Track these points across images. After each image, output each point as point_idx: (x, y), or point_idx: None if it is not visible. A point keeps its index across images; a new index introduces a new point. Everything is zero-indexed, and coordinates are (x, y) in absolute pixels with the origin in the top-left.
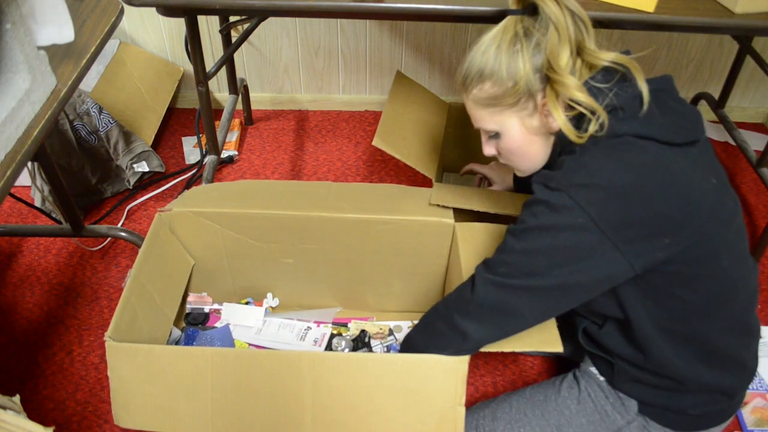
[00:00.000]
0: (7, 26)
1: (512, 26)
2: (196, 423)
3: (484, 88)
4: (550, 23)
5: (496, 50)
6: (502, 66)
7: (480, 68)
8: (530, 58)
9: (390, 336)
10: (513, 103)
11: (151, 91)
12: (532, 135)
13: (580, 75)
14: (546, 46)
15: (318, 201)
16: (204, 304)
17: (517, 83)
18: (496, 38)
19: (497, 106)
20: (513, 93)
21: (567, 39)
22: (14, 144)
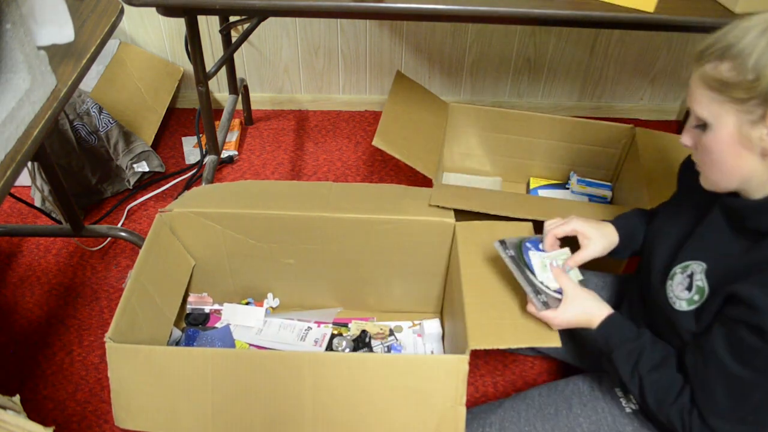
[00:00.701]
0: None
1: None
2: (197, 423)
3: (719, 68)
4: None
5: (759, 34)
6: (753, 52)
7: (728, 44)
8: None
9: (390, 336)
10: (742, 99)
11: (151, 91)
12: (742, 147)
13: None
14: None
15: (318, 201)
16: (204, 305)
17: (759, 80)
18: (762, 25)
19: (723, 94)
20: (748, 88)
21: None
22: (14, 144)
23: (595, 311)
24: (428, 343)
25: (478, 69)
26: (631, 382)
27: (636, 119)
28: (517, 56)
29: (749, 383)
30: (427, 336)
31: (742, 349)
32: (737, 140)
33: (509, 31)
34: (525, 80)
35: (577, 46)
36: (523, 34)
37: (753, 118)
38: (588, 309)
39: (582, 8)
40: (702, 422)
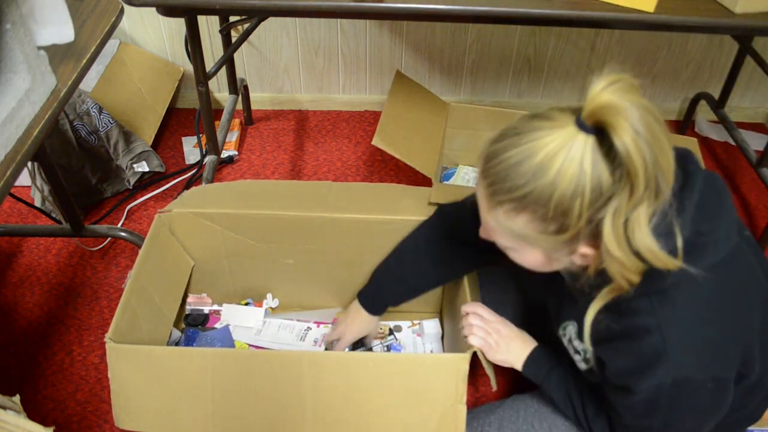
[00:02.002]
0: (7, 26)
1: (579, 152)
2: (197, 424)
3: (516, 220)
4: (624, 178)
5: (552, 181)
6: (550, 205)
7: (521, 194)
8: (589, 209)
9: (390, 336)
10: (546, 246)
11: (151, 91)
12: (554, 263)
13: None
14: (618, 202)
15: (318, 201)
16: (203, 305)
17: (562, 233)
18: (554, 161)
19: (525, 241)
20: (552, 239)
21: (632, 207)
22: (14, 144)
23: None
24: (428, 342)
25: (478, 69)
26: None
27: None
28: (517, 56)
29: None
30: (427, 336)
31: (625, 401)
32: (546, 262)
33: (509, 31)
34: (525, 80)
35: (577, 46)
36: (523, 34)
37: (561, 253)
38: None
39: (582, 8)
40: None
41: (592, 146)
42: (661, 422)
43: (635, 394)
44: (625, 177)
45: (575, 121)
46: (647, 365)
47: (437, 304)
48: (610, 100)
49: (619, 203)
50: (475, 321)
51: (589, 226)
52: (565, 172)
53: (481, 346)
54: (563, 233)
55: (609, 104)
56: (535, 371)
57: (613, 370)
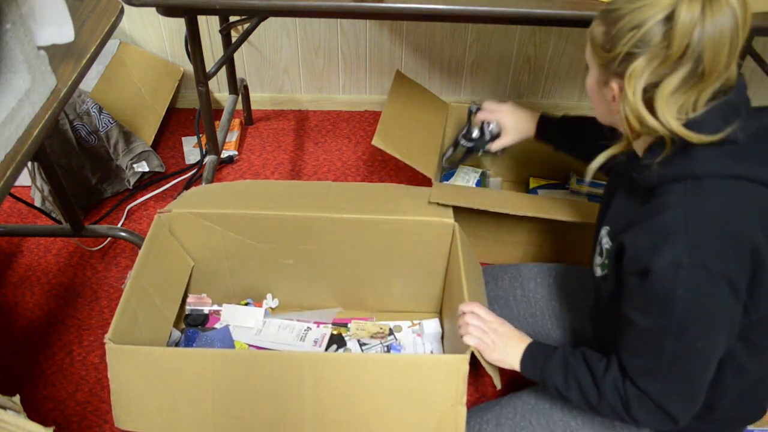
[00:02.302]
0: (7, 26)
1: (661, 7)
2: (197, 424)
3: (597, 28)
4: (667, 41)
5: (631, 11)
6: (617, 26)
7: (610, 9)
8: (632, 45)
9: (390, 336)
10: (598, 62)
11: (151, 91)
12: (600, 96)
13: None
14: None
15: (318, 201)
16: (203, 306)
17: (610, 51)
18: (646, 4)
19: (593, 50)
20: (602, 55)
21: (655, 71)
22: (14, 144)
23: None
24: (428, 342)
25: (478, 69)
26: (568, 389)
27: None
28: (517, 56)
29: (657, 333)
30: (427, 336)
31: (639, 298)
32: (596, 88)
33: (509, 31)
34: (525, 80)
35: (577, 46)
36: (523, 34)
37: (603, 78)
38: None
39: (582, 8)
40: (636, 388)
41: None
42: (675, 331)
43: (652, 276)
44: (667, 35)
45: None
46: (666, 238)
47: (437, 304)
48: None
49: (654, 52)
50: (471, 320)
51: (623, 62)
52: (646, 13)
53: (477, 346)
54: (610, 52)
55: None
56: (531, 365)
57: (632, 252)
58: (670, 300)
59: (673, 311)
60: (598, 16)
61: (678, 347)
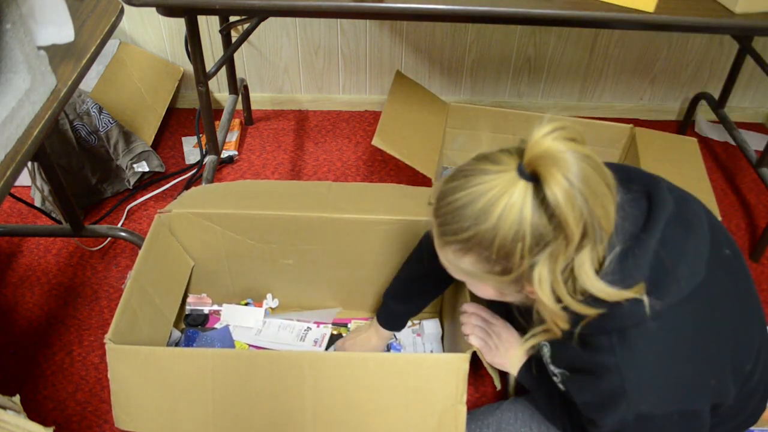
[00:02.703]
0: (7, 26)
1: (520, 198)
2: (197, 425)
3: (463, 260)
4: (558, 228)
5: (494, 225)
6: (493, 248)
7: (466, 237)
8: (531, 254)
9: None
10: (495, 283)
11: (151, 91)
12: (505, 296)
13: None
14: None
15: (318, 201)
16: (203, 305)
17: (507, 274)
18: (497, 206)
19: (474, 278)
20: (499, 279)
21: (563, 257)
22: (14, 144)
23: (513, 363)
24: (428, 342)
25: (478, 69)
26: (554, 418)
27: (636, 119)
28: (517, 56)
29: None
30: (427, 336)
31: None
32: (499, 295)
33: (509, 31)
34: (525, 80)
35: (577, 46)
36: (523, 34)
37: (511, 290)
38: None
39: (582, 8)
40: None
41: (531, 193)
42: None
43: (601, 427)
44: (559, 226)
45: (517, 167)
46: (608, 403)
47: (437, 304)
48: (547, 150)
49: (554, 249)
50: (476, 321)
51: (531, 270)
52: (506, 217)
53: (481, 348)
54: (507, 275)
55: (545, 154)
56: (528, 380)
57: (579, 402)
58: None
59: None
60: (451, 246)
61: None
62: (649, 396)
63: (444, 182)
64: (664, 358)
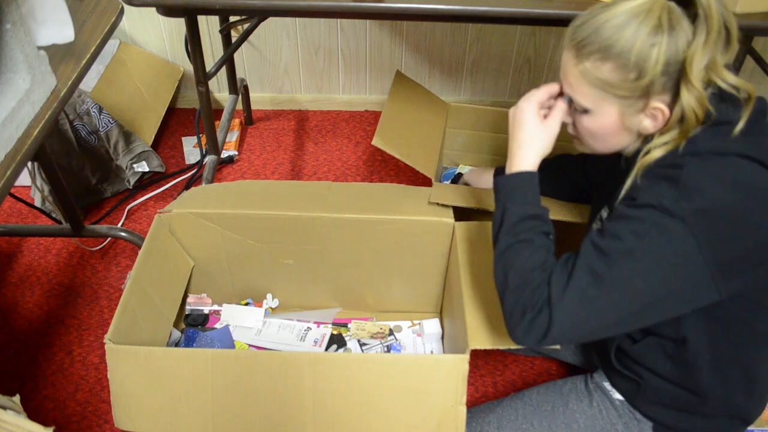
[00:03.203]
0: (7, 26)
1: (657, 11)
2: (197, 425)
3: (602, 68)
4: (702, 24)
5: (634, 33)
6: (632, 53)
7: (607, 44)
8: (665, 56)
9: (390, 336)
10: (624, 96)
11: (151, 91)
12: (622, 129)
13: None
14: (687, 49)
15: (318, 201)
16: (203, 306)
17: (641, 79)
18: (637, 18)
19: (606, 92)
20: (631, 87)
21: (710, 48)
22: (14, 144)
23: (524, 153)
24: (428, 342)
25: (478, 69)
26: (498, 243)
27: None
28: (517, 56)
29: (614, 251)
30: (427, 336)
31: (616, 223)
32: (620, 125)
33: (509, 31)
34: (525, 80)
35: None
36: (523, 34)
37: (635, 108)
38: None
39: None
40: (563, 271)
41: (672, 8)
42: (623, 251)
43: (636, 208)
44: (703, 21)
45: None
46: (670, 182)
47: (437, 304)
48: None
49: (698, 43)
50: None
51: (663, 77)
52: (648, 26)
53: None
54: (641, 79)
55: None
56: (507, 192)
57: (629, 191)
58: (638, 234)
59: (626, 236)
60: (588, 56)
61: (623, 274)
62: (698, 196)
63: (579, 17)
64: (730, 189)
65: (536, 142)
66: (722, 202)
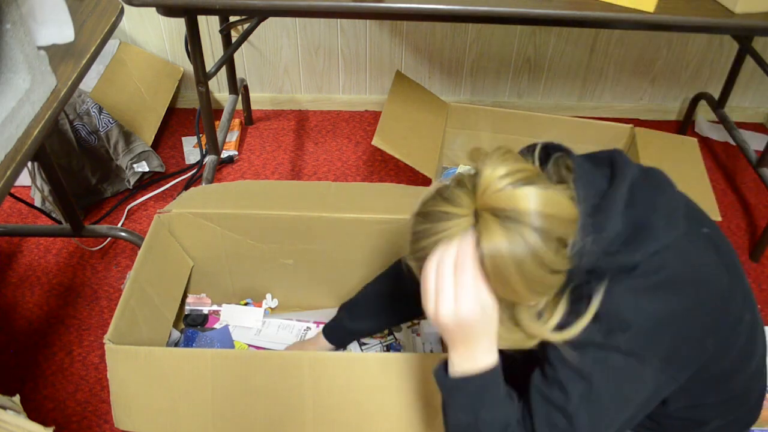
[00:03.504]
0: (7, 26)
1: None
2: (197, 425)
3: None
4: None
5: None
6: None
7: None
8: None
9: (389, 336)
10: None
11: (151, 91)
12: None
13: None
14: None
15: (318, 201)
16: (203, 306)
17: None
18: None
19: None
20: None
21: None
22: (14, 144)
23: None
24: (427, 342)
25: (478, 69)
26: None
27: (636, 119)
28: (517, 56)
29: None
30: (426, 336)
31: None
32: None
33: (509, 31)
34: (525, 80)
35: (577, 46)
36: (523, 34)
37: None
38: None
39: (582, 8)
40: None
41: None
42: (577, 398)
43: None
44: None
45: (473, 213)
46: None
47: None
48: (499, 198)
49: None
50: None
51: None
52: None
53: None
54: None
55: (498, 204)
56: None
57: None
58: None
59: (588, 388)
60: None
61: (587, 421)
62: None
63: (413, 224)
64: (657, 297)
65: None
66: (646, 316)
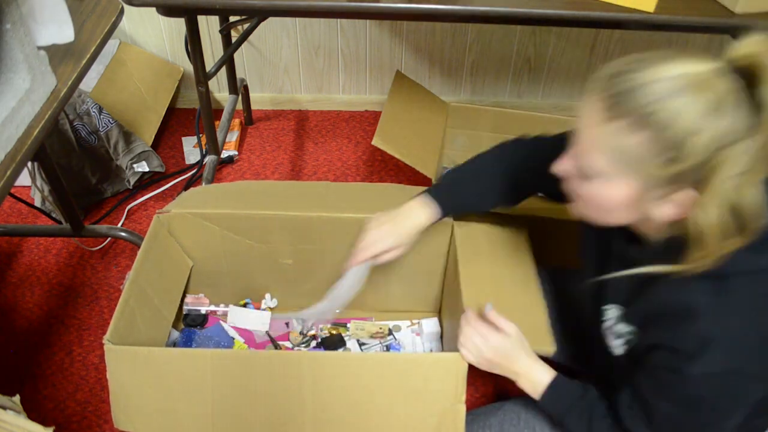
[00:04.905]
0: (7, 26)
1: (719, 87)
2: (197, 425)
3: (630, 137)
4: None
5: (683, 107)
6: (676, 129)
7: (650, 111)
8: (716, 145)
9: (390, 336)
10: (649, 175)
11: (151, 91)
12: (631, 207)
13: None
14: (736, 144)
15: (317, 201)
16: (201, 306)
17: (676, 163)
18: (691, 89)
19: (628, 165)
20: (661, 168)
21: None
22: (14, 144)
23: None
24: (427, 342)
25: (478, 69)
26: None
27: None
28: (517, 56)
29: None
30: (426, 335)
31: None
32: (628, 203)
33: (509, 31)
34: (525, 80)
35: (577, 46)
36: (523, 34)
37: (654, 195)
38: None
39: (582, 8)
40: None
41: (737, 88)
42: (697, 417)
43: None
44: (764, 125)
45: (726, 59)
46: (701, 348)
47: (436, 304)
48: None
49: (744, 149)
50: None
51: (700, 169)
52: (702, 102)
53: (477, 365)
54: (673, 165)
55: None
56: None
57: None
58: (697, 398)
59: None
60: (622, 121)
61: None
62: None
63: (616, 65)
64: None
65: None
66: (761, 334)
